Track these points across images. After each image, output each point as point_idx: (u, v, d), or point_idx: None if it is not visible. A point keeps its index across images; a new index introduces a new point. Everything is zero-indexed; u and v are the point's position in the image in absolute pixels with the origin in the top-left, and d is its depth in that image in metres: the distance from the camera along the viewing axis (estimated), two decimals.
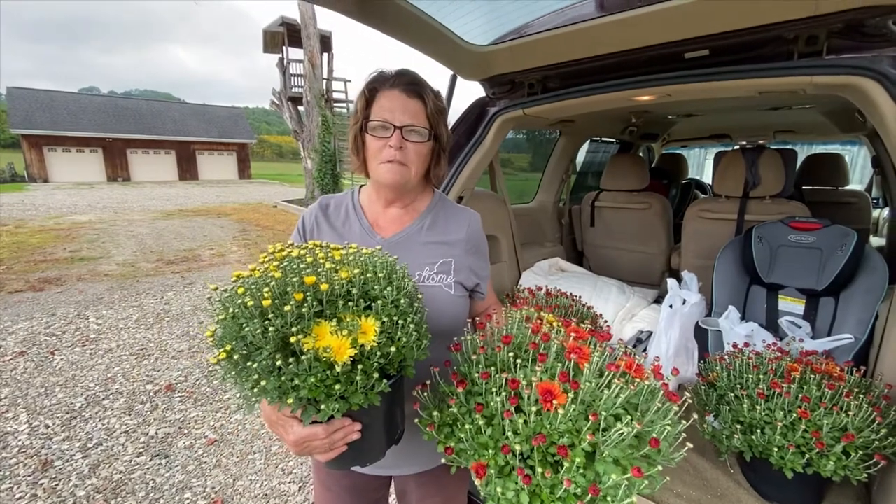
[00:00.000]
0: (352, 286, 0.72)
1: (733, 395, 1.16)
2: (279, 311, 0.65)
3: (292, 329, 0.64)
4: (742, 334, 1.52)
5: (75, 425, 2.74)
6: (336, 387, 0.64)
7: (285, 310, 0.65)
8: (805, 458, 1.00)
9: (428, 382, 0.79)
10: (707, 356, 1.38)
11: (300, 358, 0.63)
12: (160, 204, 14.85)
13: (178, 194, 18.42)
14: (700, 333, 1.74)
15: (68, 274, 6.17)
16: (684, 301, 1.75)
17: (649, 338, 1.95)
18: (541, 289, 2.01)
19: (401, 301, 0.73)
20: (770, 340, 1.45)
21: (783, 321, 1.64)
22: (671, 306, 1.76)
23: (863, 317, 1.50)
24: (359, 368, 0.65)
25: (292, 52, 15.86)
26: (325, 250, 0.78)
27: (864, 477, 0.97)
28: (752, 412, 1.09)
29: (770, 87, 1.22)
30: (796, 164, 2.25)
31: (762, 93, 1.29)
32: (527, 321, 0.82)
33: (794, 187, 2.82)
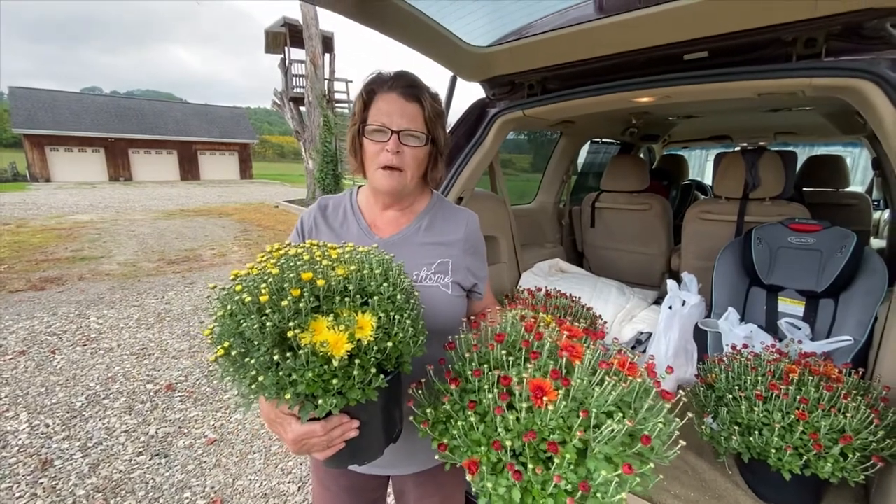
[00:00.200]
0: (348, 282, 0.72)
1: (731, 397, 1.16)
2: (276, 306, 0.65)
3: (289, 324, 0.65)
4: (741, 336, 1.52)
5: (75, 424, 2.75)
6: (333, 381, 0.64)
7: (282, 305, 0.65)
8: (803, 459, 1.00)
9: (423, 380, 0.79)
10: (706, 357, 1.38)
11: (297, 353, 0.63)
12: (162, 204, 14.88)
13: (180, 194, 18.46)
14: (699, 335, 1.74)
15: (70, 273, 6.18)
16: (684, 302, 1.74)
17: (649, 339, 1.95)
18: (540, 290, 2.01)
19: (397, 297, 0.74)
20: (769, 342, 1.45)
21: (783, 323, 1.64)
22: (671, 307, 1.76)
23: (862, 318, 1.50)
24: (356, 363, 0.66)
25: (294, 53, 15.90)
26: (323, 249, 0.78)
27: (861, 479, 0.97)
28: (751, 413, 1.09)
29: (769, 88, 1.23)
30: (796, 165, 2.25)
31: (761, 94, 1.30)
32: (521, 320, 0.82)
33: (794, 189, 2.82)
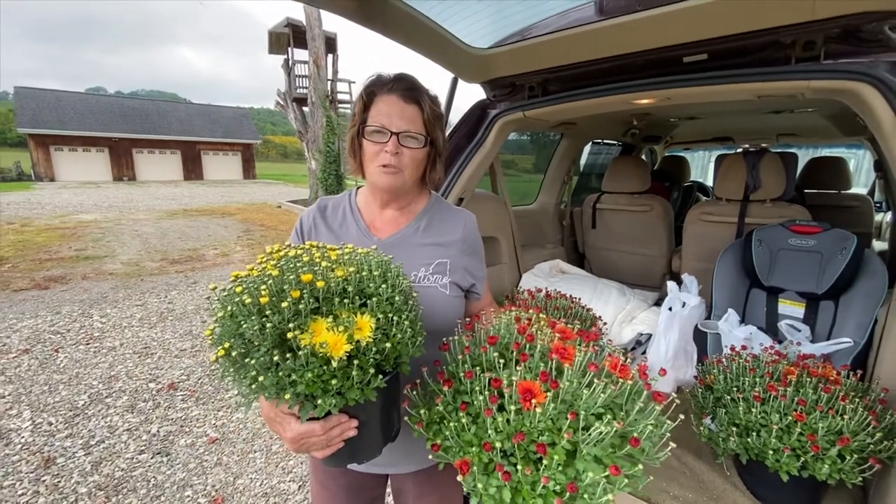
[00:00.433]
0: (347, 284, 0.73)
1: (730, 398, 1.16)
2: (276, 307, 0.66)
3: (289, 325, 0.65)
4: (741, 337, 1.52)
5: (78, 423, 2.77)
6: (332, 382, 0.65)
7: (282, 306, 0.66)
8: (800, 460, 1.00)
9: (418, 381, 0.80)
10: (705, 359, 1.38)
11: (297, 353, 0.64)
12: (165, 203, 14.94)
13: (183, 194, 18.52)
14: (699, 336, 1.74)
15: (73, 272, 6.21)
16: (684, 304, 1.74)
17: (649, 340, 1.95)
18: (540, 290, 2.01)
19: (395, 298, 0.74)
20: (768, 344, 1.45)
21: (783, 324, 1.64)
22: (671, 309, 1.76)
23: (862, 321, 1.50)
24: (355, 364, 0.66)
25: (297, 54, 15.94)
26: (322, 251, 0.79)
27: (858, 480, 0.97)
28: (748, 415, 1.09)
29: (768, 91, 1.23)
30: (797, 167, 2.25)
31: (760, 97, 1.30)
32: (516, 321, 0.82)
33: (795, 191, 2.81)
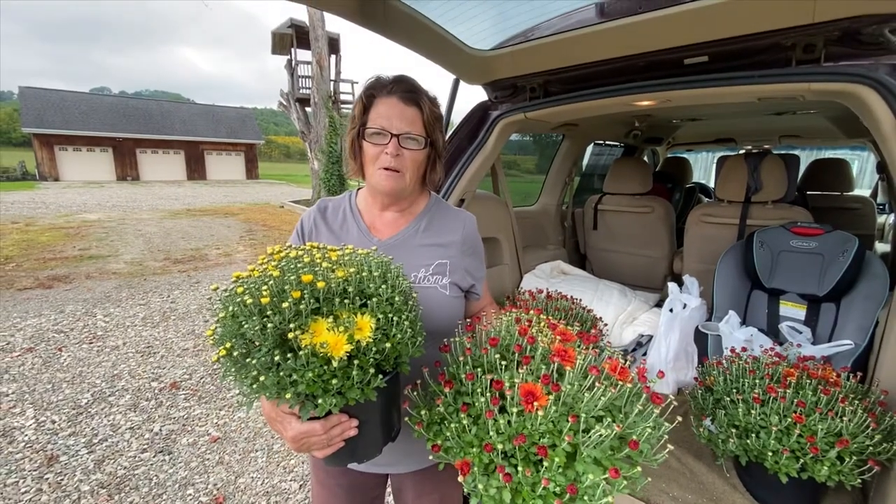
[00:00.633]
0: (348, 284, 0.73)
1: (729, 400, 1.16)
2: (277, 308, 0.67)
3: (290, 325, 0.66)
4: (741, 339, 1.52)
5: (81, 421, 2.78)
6: (333, 381, 0.66)
7: (283, 307, 0.67)
8: (799, 462, 1.00)
9: (418, 382, 0.80)
10: (705, 360, 1.39)
11: (298, 354, 0.65)
12: (168, 203, 15.00)
13: (187, 194, 18.59)
14: (700, 338, 1.74)
15: (77, 272, 6.25)
16: (685, 305, 1.75)
17: (650, 341, 1.95)
18: (541, 291, 2.02)
19: (395, 298, 0.75)
20: (768, 345, 1.45)
21: (784, 326, 1.64)
22: (671, 310, 1.76)
23: (863, 323, 1.49)
24: (355, 364, 0.67)
25: (300, 54, 15.98)
26: (322, 251, 0.80)
27: (857, 482, 0.97)
28: (748, 416, 1.09)
29: (768, 93, 1.23)
30: (799, 169, 2.25)
31: (761, 99, 1.30)
32: (517, 322, 0.83)
33: (798, 193, 2.81)
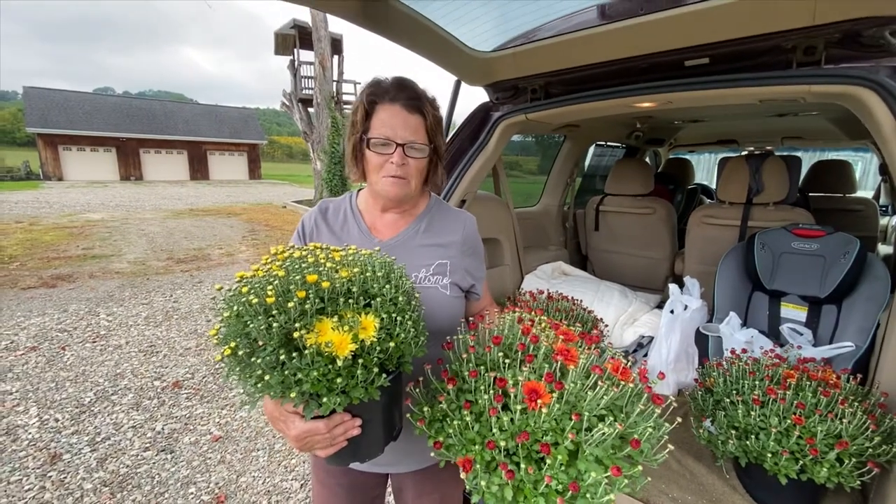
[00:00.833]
0: (352, 284, 0.74)
1: (729, 401, 1.16)
2: (283, 307, 0.68)
3: (295, 325, 0.67)
4: (742, 340, 1.53)
5: (84, 419, 2.80)
6: (337, 380, 0.66)
7: (288, 306, 0.67)
8: (799, 464, 1.00)
9: (421, 379, 0.81)
10: (706, 361, 1.39)
11: (303, 353, 0.66)
12: (171, 203, 15.04)
13: (189, 194, 18.64)
14: (701, 339, 1.74)
15: (80, 271, 6.27)
16: (686, 306, 1.75)
17: (651, 343, 1.96)
18: (542, 292, 2.02)
19: (399, 299, 0.76)
20: (768, 347, 1.46)
21: (785, 328, 1.64)
22: (672, 311, 1.76)
23: (864, 325, 1.49)
24: (359, 363, 0.68)
25: (303, 55, 16.02)
26: (326, 252, 0.80)
27: (857, 484, 0.97)
28: (747, 418, 1.09)
29: (769, 95, 1.24)
30: (800, 171, 2.25)
31: (762, 101, 1.31)
32: (519, 322, 0.83)
33: (800, 194, 2.80)
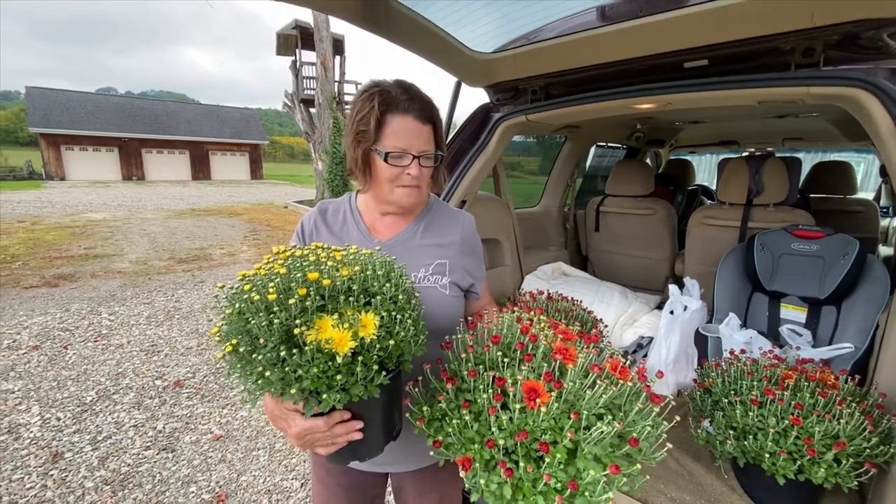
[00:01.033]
0: (352, 282, 0.75)
1: (727, 401, 1.17)
2: (284, 304, 0.68)
3: (296, 322, 0.68)
4: (741, 341, 1.53)
5: (86, 418, 2.81)
6: (337, 377, 0.67)
7: (289, 303, 0.68)
8: (796, 464, 1.01)
9: (420, 378, 0.82)
10: (704, 362, 1.39)
11: (303, 349, 0.66)
12: (173, 203, 15.07)
13: (191, 194, 18.68)
14: (700, 340, 1.75)
15: (82, 271, 6.29)
16: (685, 307, 1.75)
17: (650, 343, 1.96)
18: (542, 292, 2.03)
19: (399, 297, 0.77)
20: (768, 348, 1.46)
21: (784, 329, 1.64)
22: (672, 312, 1.76)
23: (863, 326, 1.50)
24: (359, 360, 0.69)
25: (305, 55, 16.05)
26: (327, 251, 0.81)
27: (854, 484, 0.97)
28: (745, 418, 1.10)
29: (768, 96, 1.24)
30: (800, 172, 2.25)
31: (761, 102, 1.31)
32: (518, 321, 0.84)
33: (800, 195, 2.80)
